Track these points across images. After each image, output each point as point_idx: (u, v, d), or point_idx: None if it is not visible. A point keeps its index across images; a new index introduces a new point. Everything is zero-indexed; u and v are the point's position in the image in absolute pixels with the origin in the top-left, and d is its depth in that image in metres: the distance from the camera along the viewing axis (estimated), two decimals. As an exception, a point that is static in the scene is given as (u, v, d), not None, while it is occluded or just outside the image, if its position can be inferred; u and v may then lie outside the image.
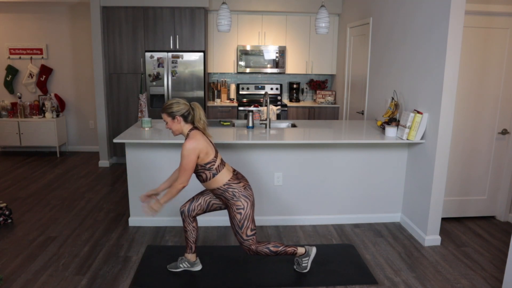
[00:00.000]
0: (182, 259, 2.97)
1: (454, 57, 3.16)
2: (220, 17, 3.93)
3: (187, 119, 2.66)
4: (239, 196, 2.67)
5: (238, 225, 2.70)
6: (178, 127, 2.66)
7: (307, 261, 2.93)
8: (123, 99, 5.74)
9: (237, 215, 2.68)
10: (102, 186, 4.91)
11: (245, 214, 2.68)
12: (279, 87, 6.52)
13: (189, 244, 2.92)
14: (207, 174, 2.65)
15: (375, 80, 4.59)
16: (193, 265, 2.97)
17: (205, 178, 2.68)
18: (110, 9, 5.48)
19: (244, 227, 2.70)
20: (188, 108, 2.66)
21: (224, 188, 2.67)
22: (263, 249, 2.77)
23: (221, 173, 2.66)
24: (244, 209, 2.68)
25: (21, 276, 2.86)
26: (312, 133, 3.76)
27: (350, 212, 3.88)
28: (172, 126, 2.66)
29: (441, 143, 3.29)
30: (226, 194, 2.67)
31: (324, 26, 4.06)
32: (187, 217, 2.86)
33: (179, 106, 2.63)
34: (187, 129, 2.67)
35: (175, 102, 2.65)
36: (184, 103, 2.66)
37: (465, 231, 3.74)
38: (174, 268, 2.96)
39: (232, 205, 2.68)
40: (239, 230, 2.71)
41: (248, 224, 2.71)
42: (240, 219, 2.68)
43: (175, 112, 2.62)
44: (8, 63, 6.37)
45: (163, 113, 2.66)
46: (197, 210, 2.85)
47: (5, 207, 3.74)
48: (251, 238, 2.74)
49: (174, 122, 2.65)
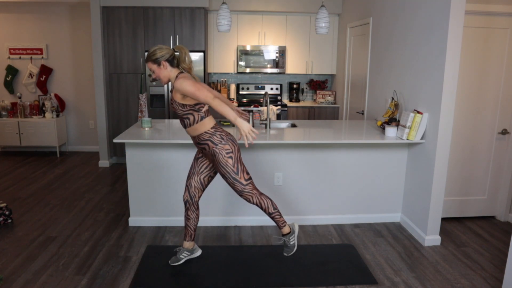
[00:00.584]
0: (181, 250, 2.97)
1: (454, 57, 3.16)
2: (220, 17, 3.93)
3: (172, 63, 2.63)
4: (227, 140, 2.65)
5: (233, 171, 2.65)
6: (165, 73, 2.62)
7: (294, 238, 2.87)
8: (123, 99, 5.74)
9: (229, 160, 2.63)
10: (102, 186, 4.91)
11: (236, 158, 2.65)
12: (279, 87, 6.52)
13: (190, 232, 2.93)
14: (195, 116, 2.61)
15: (375, 80, 4.59)
16: (193, 251, 2.97)
17: (192, 121, 2.62)
18: (110, 9, 5.48)
19: (240, 171, 2.66)
20: (172, 52, 2.62)
21: (212, 132, 2.63)
22: (265, 199, 2.74)
23: (209, 118, 2.65)
24: (234, 152, 2.65)
25: (21, 276, 2.86)
26: (312, 133, 3.76)
27: (350, 212, 3.88)
28: (159, 74, 2.62)
29: (441, 143, 3.29)
30: (213, 138, 2.63)
31: (324, 26, 4.06)
32: (191, 204, 2.86)
33: (162, 51, 2.59)
34: (174, 73, 2.63)
35: (158, 48, 2.60)
36: (167, 48, 2.62)
37: (465, 231, 3.74)
38: (175, 261, 2.97)
39: (221, 150, 2.62)
40: (236, 176, 2.65)
41: (242, 167, 2.67)
42: (233, 163, 2.64)
43: (159, 57, 2.58)
44: (8, 63, 6.37)
45: (148, 62, 2.62)
46: (198, 191, 2.86)
47: (5, 207, 3.74)
48: (250, 183, 2.71)
49: (161, 68, 2.61)
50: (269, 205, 2.77)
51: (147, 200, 3.71)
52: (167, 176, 3.66)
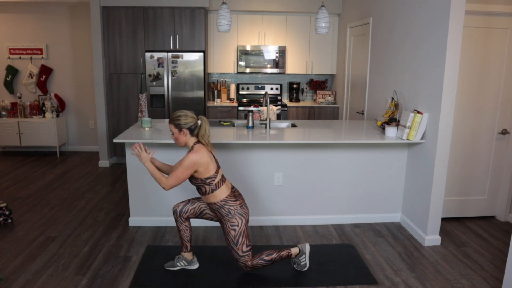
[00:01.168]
0: (179, 258, 2.98)
1: (454, 57, 3.16)
2: (220, 17, 3.93)
3: (193, 132, 2.71)
4: (234, 214, 2.73)
5: (233, 241, 2.75)
6: (184, 139, 2.71)
7: (304, 259, 2.94)
8: (123, 99, 5.74)
9: (231, 232, 2.74)
10: (102, 186, 4.91)
11: (239, 231, 2.74)
12: (279, 87, 6.52)
13: (184, 243, 2.95)
14: (206, 189, 2.71)
15: (375, 80, 4.59)
16: (190, 263, 2.98)
17: (204, 192, 2.74)
18: (110, 9, 5.48)
19: (239, 244, 2.75)
20: (195, 122, 2.70)
21: (221, 204, 2.73)
22: (258, 261, 2.81)
23: (220, 190, 2.72)
24: (239, 226, 2.74)
25: (21, 276, 2.86)
26: (312, 133, 3.76)
27: (350, 212, 3.88)
28: (178, 138, 2.71)
29: (441, 143, 3.29)
30: (221, 210, 2.74)
31: (324, 26, 4.06)
32: (178, 217, 2.90)
33: (187, 119, 2.67)
34: (192, 142, 2.72)
35: (184, 114, 2.68)
36: (192, 116, 2.69)
37: (465, 231, 3.74)
38: (171, 266, 2.98)
39: (227, 221, 2.74)
40: (234, 246, 2.76)
41: (243, 240, 2.76)
42: (235, 236, 2.74)
43: (182, 124, 2.66)
44: (8, 63, 6.37)
45: (171, 124, 2.70)
46: (189, 213, 2.90)
47: (5, 207, 3.74)
48: (247, 254, 2.79)
49: (181, 134, 2.69)
50: (265, 262, 2.82)
51: (147, 200, 3.71)
52: (167, 176, 3.65)
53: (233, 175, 3.70)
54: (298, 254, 2.94)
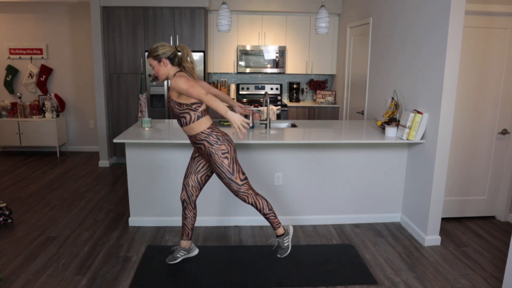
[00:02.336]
0: (178, 249, 2.97)
1: (454, 57, 3.16)
2: (220, 17, 3.93)
3: (173, 62, 2.64)
4: (223, 140, 2.66)
5: (229, 171, 2.66)
6: (165, 70, 2.64)
7: (288, 240, 2.87)
8: (123, 99, 5.74)
9: (224, 160, 2.64)
10: (102, 186, 4.91)
11: (231, 158, 2.66)
12: (279, 87, 6.52)
13: (187, 231, 2.94)
14: (191, 115, 2.61)
15: (375, 80, 4.59)
16: (190, 251, 2.98)
17: (188, 120, 2.63)
18: (110, 9, 5.48)
19: (235, 171, 2.67)
20: (174, 51, 2.63)
21: (208, 132, 2.64)
22: (261, 200, 2.75)
23: (206, 118, 2.66)
24: (229, 153, 2.66)
25: (21, 276, 2.86)
26: (312, 133, 3.76)
27: (350, 212, 3.88)
28: (159, 70, 2.63)
29: (441, 143, 3.29)
30: (209, 138, 2.64)
31: (324, 26, 4.06)
32: (189, 203, 2.88)
33: (164, 48, 2.60)
34: (173, 71, 2.64)
35: (161, 44, 2.62)
36: (170, 46, 2.63)
37: (465, 231, 3.74)
38: (172, 260, 2.98)
39: (217, 151, 2.64)
40: (232, 176, 2.67)
41: (237, 167, 2.69)
42: (229, 164, 2.65)
43: (160, 54, 2.59)
44: (8, 63, 6.37)
45: (149, 57, 2.63)
46: (195, 191, 2.88)
47: (5, 207, 3.74)
48: (246, 183, 2.72)
49: (160, 65, 2.62)
50: (264, 205, 2.79)
51: (147, 200, 3.71)
52: (167, 176, 3.65)
53: (233, 175, 3.70)
54: (283, 235, 2.86)
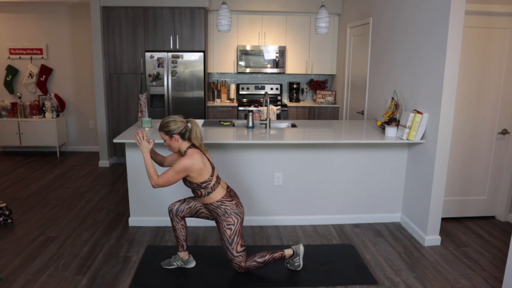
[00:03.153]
0: (176, 258, 2.99)
1: (454, 57, 3.16)
2: (220, 17, 3.93)
3: (184, 137, 2.70)
4: (231, 213, 2.75)
5: (228, 241, 2.76)
6: (176, 144, 2.71)
7: (298, 260, 2.94)
8: (123, 99, 5.74)
9: (227, 231, 2.75)
10: (102, 186, 4.91)
11: (235, 230, 2.76)
12: (279, 87, 6.52)
13: (180, 242, 2.96)
14: (202, 192, 2.72)
15: (375, 80, 4.59)
16: (187, 263, 2.99)
17: (200, 195, 2.75)
18: (110, 9, 5.48)
19: (234, 243, 2.77)
20: (185, 126, 2.70)
21: (217, 205, 2.74)
22: (251, 263, 2.82)
23: (216, 191, 2.73)
24: (234, 225, 2.76)
25: (21, 276, 2.86)
26: (312, 133, 3.76)
27: (350, 212, 3.88)
28: (170, 144, 2.71)
29: (441, 143, 3.29)
30: (218, 210, 2.75)
31: (324, 26, 4.06)
32: (174, 216, 2.91)
33: (176, 125, 2.66)
34: (185, 146, 2.72)
35: (172, 120, 2.67)
36: (181, 121, 2.69)
37: (465, 231, 3.74)
38: (167, 265, 2.99)
39: (223, 221, 2.75)
40: (229, 246, 2.77)
41: (238, 240, 2.77)
42: (230, 235, 2.75)
43: (172, 130, 2.66)
44: (8, 63, 6.37)
45: (161, 131, 2.70)
46: (185, 212, 2.90)
47: (5, 207, 3.74)
48: (241, 255, 2.80)
49: (172, 140, 2.69)
50: (257, 264, 2.83)
51: (147, 200, 3.71)
52: (167, 176, 3.65)
53: (233, 175, 3.70)
54: (292, 256, 2.93)
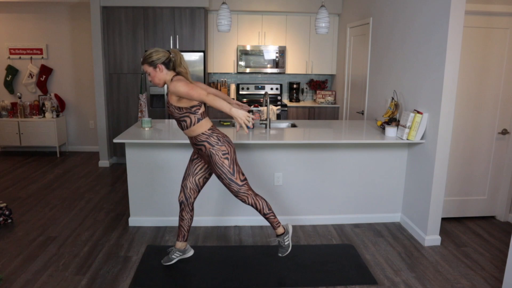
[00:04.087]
0: (173, 250, 2.99)
1: (454, 57, 3.16)
2: (220, 17, 3.93)
3: (168, 66, 2.65)
4: (224, 141, 2.69)
5: (229, 172, 2.69)
6: (161, 75, 2.65)
7: (288, 238, 2.90)
8: (123, 99, 5.74)
9: (225, 161, 2.67)
10: (102, 186, 4.91)
11: (232, 159, 2.69)
12: (279, 87, 6.52)
13: (183, 233, 2.95)
14: (191, 118, 2.64)
15: (375, 80, 4.59)
16: (185, 252, 2.99)
17: (189, 124, 2.65)
18: (110, 9, 5.48)
19: (235, 172, 2.71)
20: (168, 56, 2.65)
21: (209, 133, 2.67)
22: (261, 200, 2.79)
23: (206, 119, 2.69)
24: (230, 154, 2.69)
25: (21, 276, 2.86)
26: (312, 133, 3.76)
27: (350, 212, 3.88)
28: (155, 76, 2.64)
29: (441, 143, 3.29)
30: (210, 139, 2.66)
31: (324, 26, 4.06)
32: (186, 205, 2.89)
33: (158, 54, 2.62)
34: (170, 76, 2.66)
35: (154, 50, 2.63)
36: (163, 51, 2.65)
37: (465, 231, 3.74)
38: (167, 261, 2.98)
39: (218, 151, 2.66)
40: (232, 176, 2.70)
41: (237, 168, 2.72)
42: (229, 164, 2.68)
43: (155, 60, 2.61)
44: (8, 63, 6.37)
45: (144, 64, 2.64)
46: (193, 193, 2.89)
47: (5, 207, 3.74)
48: (245, 183, 2.75)
49: (156, 71, 2.63)
50: (263, 205, 2.81)
51: (147, 200, 3.71)
52: (167, 176, 3.65)
53: (233, 175, 3.70)
54: (283, 234, 2.89)
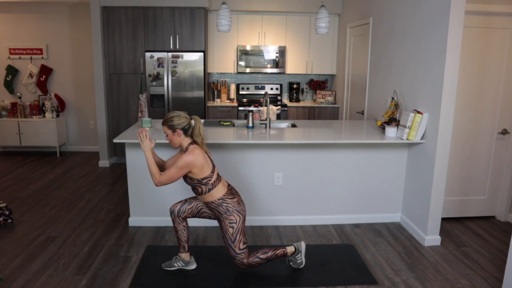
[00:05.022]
0: (177, 258, 2.98)
1: (454, 57, 3.16)
2: (220, 17, 3.94)
3: (187, 133, 2.71)
4: (232, 211, 2.74)
5: (231, 239, 2.76)
6: (178, 140, 2.71)
7: (300, 257, 2.95)
8: (123, 99, 5.74)
9: (229, 229, 2.75)
10: (102, 186, 4.91)
11: (237, 228, 2.75)
12: (279, 87, 6.52)
13: (182, 244, 2.95)
14: (203, 189, 2.71)
15: (375, 80, 4.59)
16: (188, 264, 2.98)
17: (200, 192, 2.74)
18: (110, 9, 5.48)
19: (236, 241, 2.76)
20: (189, 122, 2.70)
21: (218, 203, 2.74)
22: (254, 259, 2.82)
23: (217, 188, 2.73)
24: (236, 223, 2.75)
25: (21, 276, 2.86)
26: (312, 133, 3.76)
27: (350, 212, 3.88)
28: (172, 139, 2.71)
29: (441, 143, 3.29)
30: (219, 208, 2.74)
31: (324, 26, 4.06)
32: (176, 217, 2.90)
33: (180, 120, 2.67)
34: (186, 142, 2.72)
35: (176, 115, 2.68)
36: (185, 117, 2.69)
37: (465, 231, 3.74)
38: (168, 266, 2.98)
39: (225, 219, 2.74)
40: (232, 244, 2.77)
41: (240, 237, 2.77)
42: (233, 233, 2.75)
43: (176, 125, 2.66)
44: (8, 63, 6.37)
45: (164, 125, 2.70)
46: (186, 213, 2.90)
47: (5, 207, 3.74)
48: (244, 252, 2.80)
49: (175, 135, 2.69)
50: (260, 260, 2.84)
51: (147, 200, 3.71)
52: (167, 176, 3.65)
53: (233, 175, 3.70)
54: (294, 253, 2.95)
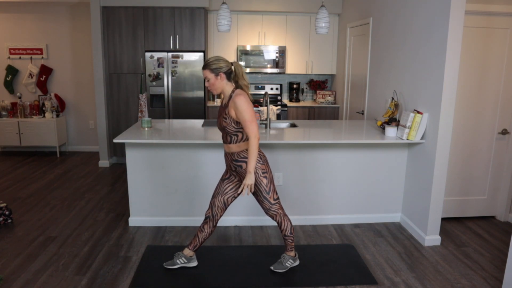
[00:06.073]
0: (179, 255, 2.98)
1: (454, 57, 3.16)
2: (220, 17, 3.93)
3: (229, 77, 2.63)
4: (264, 160, 2.72)
5: (266, 190, 2.73)
6: (221, 84, 2.62)
7: (291, 263, 2.98)
8: (123, 99, 5.74)
9: (263, 180, 2.70)
10: (102, 186, 4.91)
11: (270, 178, 2.73)
12: (279, 87, 6.52)
13: (196, 243, 2.94)
14: (243, 134, 2.65)
15: (375, 80, 4.59)
16: (190, 260, 2.98)
17: (239, 139, 2.65)
18: (110, 9, 5.48)
19: (271, 191, 2.75)
20: (230, 66, 2.63)
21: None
22: (287, 222, 2.84)
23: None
24: (268, 173, 2.73)
25: (21, 276, 2.86)
26: (312, 133, 3.76)
27: (350, 212, 3.88)
28: (215, 83, 2.61)
29: (441, 143, 3.29)
30: None
31: (324, 26, 4.06)
32: (211, 221, 2.88)
33: (221, 63, 2.59)
34: (230, 87, 2.64)
35: (218, 58, 2.60)
36: (226, 61, 2.62)
37: (465, 231, 3.74)
38: (171, 265, 2.98)
39: (258, 170, 2.67)
40: (267, 195, 2.74)
41: (273, 187, 2.77)
42: (267, 183, 2.72)
43: (219, 68, 2.58)
44: (8, 63, 6.37)
45: (206, 69, 2.59)
46: (219, 212, 2.89)
47: (5, 207, 3.74)
48: (278, 202, 2.80)
49: (217, 79, 2.60)
50: (288, 228, 2.87)
51: (147, 200, 3.71)
52: (167, 176, 3.65)
53: (233, 175, 3.70)
54: (293, 257, 2.99)
